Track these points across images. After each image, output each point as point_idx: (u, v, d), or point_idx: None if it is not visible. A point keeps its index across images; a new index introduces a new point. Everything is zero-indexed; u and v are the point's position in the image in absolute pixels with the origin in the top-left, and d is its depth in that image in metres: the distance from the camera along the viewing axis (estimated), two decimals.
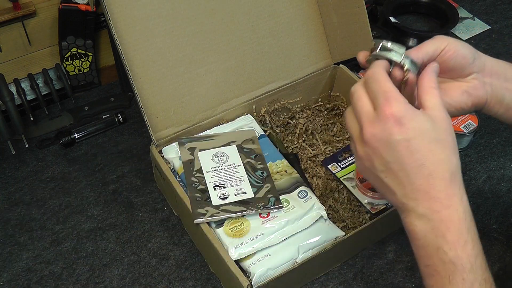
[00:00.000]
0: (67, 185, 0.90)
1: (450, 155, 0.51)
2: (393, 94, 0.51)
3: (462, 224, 0.50)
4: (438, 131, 0.51)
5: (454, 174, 0.51)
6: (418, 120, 0.50)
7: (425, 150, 0.50)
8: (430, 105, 0.52)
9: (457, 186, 0.51)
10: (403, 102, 0.51)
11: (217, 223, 0.73)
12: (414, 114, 0.50)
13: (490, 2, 1.32)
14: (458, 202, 0.51)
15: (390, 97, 0.51)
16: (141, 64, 0.79)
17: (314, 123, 0.94)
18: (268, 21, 0.89)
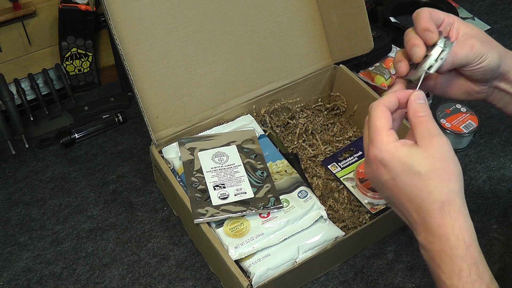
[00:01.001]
0: (67, 185, 0.90)
1: (438, 185, 0.51)
2: (378, 136, 0.54)
3: (455, 252, 0.50)
4: (422, 163, 0.51)
5: (445, 202, 0.51)
6: (399, 158, 0.52)
7: (411, 186, 0.52)
8: (418, 136, 0.53)
9: (449, 215, 0.51)
10: (386, 142, 0.53)
11: (217, 223, 0.73)
12: (394, 154, 0.52)
13: (490, 2, 1.32)
14: (450, 231, 0.50)
15: (375, 139, 0.54)
16: (141, 64, 0.79)
17: (314, 123, 0.94)
18: (268, 21, 0.89)
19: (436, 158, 0.51)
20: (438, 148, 0.51)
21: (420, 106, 0.54)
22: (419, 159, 0.51)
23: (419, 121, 0.53)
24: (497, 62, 0.59)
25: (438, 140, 0.52)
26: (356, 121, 0.95)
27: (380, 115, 0.54)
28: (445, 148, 0.51)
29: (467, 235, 0.50)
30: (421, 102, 0.55)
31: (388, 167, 0.52)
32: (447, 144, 0.52)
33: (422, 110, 0.54)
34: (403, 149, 0.52)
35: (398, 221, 0.83)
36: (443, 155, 0.51)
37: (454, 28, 0.59)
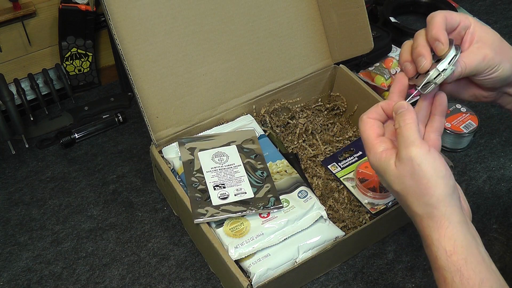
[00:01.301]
0: (67, 185, 0.90)
1: (415, 201, 0.52)
2: (366, 148, 0.56)
3: (437, 262, 0.51)
4: (396, 182, 0.53)
5: (424, 216, 0.52)
6: (381, 172, 0.55)
7: (397, 198, 0.55)
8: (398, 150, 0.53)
9: (428, 227, 0.52)
10: (372, 154, 0.55)
11: (217, 223, 0.73)
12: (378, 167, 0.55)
13: (490, 2, 1.32)
14: (430, 243, 0.52)
15: (366, 151, 0.56)
16: (141, 64, 0.79)
17: (314, 123, 0.94)
18: (268, 21, 0.89)
19: (407, 177, 0.52)
20: (408, 164, 0.52)
21: (398, 117, 0.55)
22: (392, 178, 0.53)
23: (397, 134, 0.54)
24: (509, 73, 0.58)
25: (406, 155, 0.52)
26: (356, 121, 0.95)
27: (364, 128, 0.56)
28: (415, 162, 0.51)
29: (449, 244, 0.50)
30: (400, 112, 0.55)
31: (379, 175, 0.56)
32: (417, 156, 0.51)
33: (398, 122, 0.54)
34: (383, 164, 0.54)
35: (398, 221, 0.83)
36: (413, 172, 0.51)
37: (469, 33, 0.58)
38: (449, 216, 0.51)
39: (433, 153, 0.52)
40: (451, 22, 0.58)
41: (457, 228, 0.51)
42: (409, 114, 0.54)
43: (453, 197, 0.52)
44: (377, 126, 0.56)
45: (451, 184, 0.52)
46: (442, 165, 0.52)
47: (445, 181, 0.52)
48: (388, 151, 0.54)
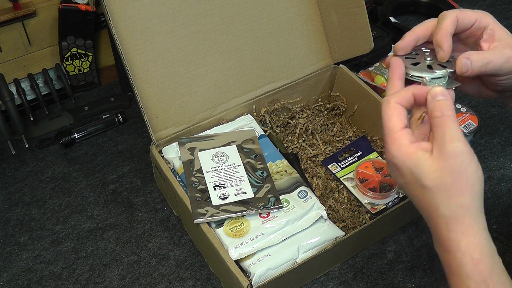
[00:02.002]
0: (67, 185, 0.90)
1: (445, 201, 0.48)
2: (389, 138, 0.50)
3: (461, 270, 0.48)
4: (430, 176, 0.48)
5: (452, 218, 0.48)
6: (408, 166, 0.49)
7: (419, 197, 0.50)
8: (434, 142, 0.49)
9: (455, 232, 0.48)
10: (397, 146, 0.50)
11: (217, 223, 0.73)
12: (405, 161, 0.49)
13: (490, 2, 1.32)
14: (455, 248, 0.48)
15: (387, 142, 0.51)
16: (141, 64, 0.79)
17: (314, 123, 0.94)
18: (268, 21, 0.89)
19: (446, 172, 0.47)
20: (450, 159, 0.47)
21: (438, 105, 0.49)
22: (427, 171, 0.48)
23: (435, 123, 0.49)
24: None
25: (452, 149, 0.47)
26: (356, 121, 0.95)
27: (390, 114, 0.50)
28: (459, 159, 0.47)
29: (476, 252, 0.47)
30: (440, 98, 0.50)
31: (400, 172, 0.50)
32: (463, 153, 0.47)
33: (439, 109, 0.49)
34: (414, 156, 0.49)
35: (398, 221, 0.83)
36: (454, 168, 0.47)
37: (487, 33, 0.55)
38: (478, 221, 0.48)
39: (474, 154, 0.48)
40: (464, 23, 0.55)
41: (484, 235, 0.48)
42: (449, 104, 0.49)
43: (482, 201, 0.49)
44: (404, 115, 0.51)
45: (483, 189, 0.49)
46: (480, 167, 0.49)
47: (482, 183, 0.48)
48: (416, 145, 0.49)
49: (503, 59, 0.53)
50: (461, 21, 0.55)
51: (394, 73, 0.55)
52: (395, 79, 0.54)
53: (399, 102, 0.51)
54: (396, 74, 0.55)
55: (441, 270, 0.79)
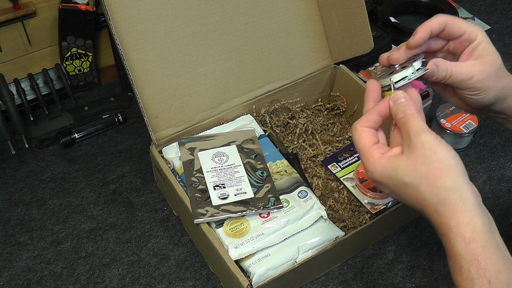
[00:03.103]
0: (67, 185, 0.90)
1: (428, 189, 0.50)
2: (363, 158, 0.54)
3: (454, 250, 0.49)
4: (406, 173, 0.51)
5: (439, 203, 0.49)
6: (387, 175, 0.52)
7: (406, 195, 0.52)
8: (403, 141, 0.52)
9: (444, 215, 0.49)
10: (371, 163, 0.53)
11: (217, 223, 0.73)
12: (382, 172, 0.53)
13: (490, 2, 1.32)
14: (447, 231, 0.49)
15: (362, 161, 0.54)
16: (141, 64, 0.79)
17: (314, 123, 0.94)
18: (268, 21, 0.89)
19: (419, 162, 0.50)
20: (419, 150, 0.50)
21: (400, 107, 0.53)
22: (404, 170, 0.51)
23: (400, 125, 0.53)
24: (491, 101, 0.57)
25: (418, 140, 0.50)
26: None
27: (358, 137, 0.54)
28: (427, 146, 0.50)
29: (467, 231, 0.48)
30: (400, 101, 0.54)
31: (383, 183, 0.53)
32: (428, 141, 0.50)
33: (401, 111, 0.53)
34: (388, 163, 0.52)
35: (398, 221, 0.83)
36: (425, 156, 0.50)
37: (471, 47, 0.57)
38: (466, 198, 0.49)
39: (440, 138, 0.51)
40: (452, 30, 0.57)
41: (475, 211, 0.49)
42: (410, 103, 0.53)
43: (466, 177, 0.51)
44: (371, 134, 0.55)
45: (462, 165, 0.51)
46: (451, 148, 0.51)
47: (457, 160, 0.50)
48: (388, 153, 0.53)
49: (467, 76, 0.56)
50: (450, 27, 0.57)
51: (369, 95, 0.58)
52: (369, 102, 0.57)
53: (364, 125, 0.55)
54: (370, 96, 0.57)
55: (441, 270, 0.79)
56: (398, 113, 0.53)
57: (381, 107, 0.55)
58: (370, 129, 0.55)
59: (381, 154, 0.53)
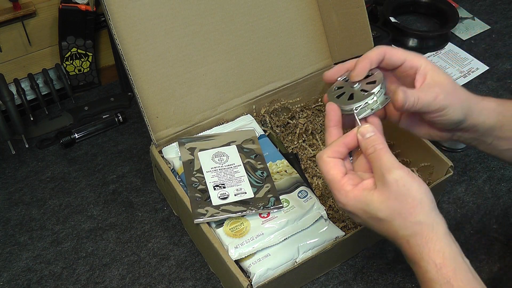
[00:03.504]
0: (67, 185, 0.90)
1: (402, 223, 0.51)
2: (333, 189, 0.54)
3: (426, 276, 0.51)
4: (380, 208, 0.51)
5: (411, 235, 0.51)
6: (360, 207, 0.53)
7: (379, 228, 0.54)
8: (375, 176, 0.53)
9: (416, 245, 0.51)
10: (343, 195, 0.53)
11: (217, 223, 0.73)
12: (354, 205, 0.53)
13: (490, 2, 1.32)
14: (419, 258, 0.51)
15: (332, 192, 0.54)
16: (141, 64, 0.79)
17: (314, 123, 0.94)
18: (268, 21, 0.89)
19: (392, 199, 0.51)
20: (392, 187, 0.51)
21: (369, 142, 0.53)
22: (377, 205, 0.52)
23: (371, 159, 0.53)
24: (460, 117, 0.57)
25: (391, 178, 0.51)
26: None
27: (327, 169, 0.54)
28: (400, 183, 0.51)
29: (438, 257, 0.50)
30: (368, 136, 0.54)
31: (355, 214, 0.54)
32: (401, 177, 0.51)
33: (371, 146, 0.53)
34: (361, 197, 0.52)
35: None
36: (399, 193, 0.51)
37: (419, 73, 0.57)
38: (436, 229, 0.51)
39: (413, 174, 0.52)
40: (392, 59, 0.57)
41: (444, 240, 0.51)
42: (379, 138, 0.53)
43: (437, 211, 0.52)
44: (340, 164, 0.55)
45: (433, 199, 0.53)
46: (423, 183, 0.52)
47: (428, 196, 0.52)
48: (360, 186, 0.53)
49: (431, 97, 0.55)
50: (388, 56, 0.57)
51: (331, 120, 0.57)
52: (331, 127, 0.57)
53: (331, 155, 0.55)
54: (332, 121, 0.57)
55: None
56: (367, 148, 0.53)
57: (348, 139, 0.55)
58: (338, 160, 0.55)
59: (353, 186, 0.53)
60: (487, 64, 1.14)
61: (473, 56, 1.16)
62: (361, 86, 0.57)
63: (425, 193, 0.52)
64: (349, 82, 0.58)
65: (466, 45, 1.20)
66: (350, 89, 0.57)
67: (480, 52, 1.18)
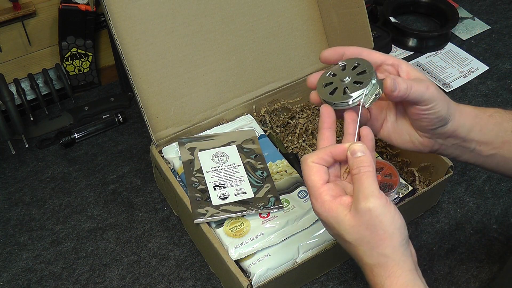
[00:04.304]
0: (67, 185, 0.90)
1: (368, 251, 0.51)
2: (311, 195, 0.53)
3: None
4: (350, 231, 0.51)
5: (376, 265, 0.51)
6: (331, 222, 0.52)
7: (345, 247, 0.53)
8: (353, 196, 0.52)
9: (379, 276, 0.50)
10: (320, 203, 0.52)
11: (217, 223, 0.73)
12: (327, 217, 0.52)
13: (490, 2, 1.32)
14: None
15: (310, 197, 0.53)
16: (141, 64, 0.79)
17: (314, 123, 0.94)
18: (268, 21, 0.89)
19: (363, 227, 0.50)
20: (365, 215, 0.50)
21: (356, 162, 0.52)
22: (347, 228, 0.51)
23: (354, 180, 0.52)
24: (445, 114, 0.57)
25: (365, 206, 0.50)
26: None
27: (308, 173, 0.53)
28: (373, 214, 0.50)
29: None
30: (358, 155, 0.52)
31: (328, 225, 0.53)
32: (375, 208, 0.50)
33: (357, 167, 0.52)
34: (334, 213, 0.51)
35: None
36: (370, 223, 0.50)
37: (402, 71, 0.57)
38: (402, 265, 0.50)
39: (390, 205, 0.51)
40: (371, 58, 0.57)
41: (409, 276, 0.50)
42: (367, 160, 0.52)
43: (406, 247, 0.52)
44: (323, 171, 0.53)
45: (405, 234, 0.52)
46: (398, 216, 0.51)
47: (401, 231, 0.51)
48: (338, 200, 0.52)
49: (423, 87, 0.55)
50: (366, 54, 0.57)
51: (324, 122, 0.56)
52: (325, 129, 0.56)
53: (315, 161, 0.53)
54: (326, 123, 0.56)
55: (441, 270, 0.80)
56: (353, 168, 0.52)
57: (336, 151, 0.54)
58: (322, 166, 0.53)
59: (331, 197, 0.52)
60: (487, 64, 1.14)
61: (473, 56, 1.16)
62: (352, 79, 0.55)
63: (398, 227, 0.51)
64: (338, 76, 0.56)
65: (466, 45, 1.20)
66: (342, 84, 0.55)
67: (480, 52, 1.18)
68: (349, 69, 0.56)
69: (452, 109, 0.58)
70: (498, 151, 0.61)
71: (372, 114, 0.60)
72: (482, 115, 0.60)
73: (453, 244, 0.82)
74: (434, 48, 1.18)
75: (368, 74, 0.54)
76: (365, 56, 0.57)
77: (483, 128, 0.60)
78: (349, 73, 0.56)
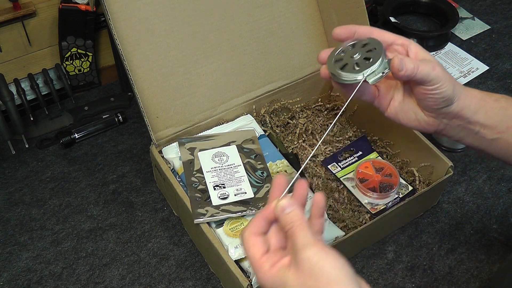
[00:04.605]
0: (67, 185, 0.90)
1: None
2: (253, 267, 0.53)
3: None
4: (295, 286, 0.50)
5: None
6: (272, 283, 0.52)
7: None
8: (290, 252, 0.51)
9: None
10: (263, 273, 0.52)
11: (217, 223, 0.73)
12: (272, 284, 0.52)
13: (490, 2, 1.32)
14: None
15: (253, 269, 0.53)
16: (141, 64, 0.79)
17: (314, 123, 0.94)
18: (268, 21, 0.89)
19: (306, 277, 0.49)
20: (305, 265, 0.49)
21: (287, 218, 0.52)
22: (292, 283, 0.50)
23: (288, 235, 0.51)
24: (450, 95, 0.57)
25: (304, 255, 0.49)
26: (356, 121, 0.95)
27: (247, 246, 0.53)
28: (313, 261, 0.49)
29: None
30: (287, 211, 0.52)
31: None
32: (315, 255, 0.49)
33: (288, 222, 0.51)
34: (277, 277, 0.51)
35: (398, 221, 0.83)
36: (312, 271, 0.49)
37: (411, 51, 0.58)
38: None
39: (326, 249, 0.50)
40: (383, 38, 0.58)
41: None
42: (297, 214, 0.52)
43: (356, 284, 0.50)
44: (260, 242, 0.53)
45: (351, 273, 0.50)
46: (338, 257, 0.50)
47: (344, 271, 0.50)
48: (278, 265, 0.52)
49: (430, 67, 0.55)
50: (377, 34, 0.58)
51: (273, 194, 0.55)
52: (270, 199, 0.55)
53: (252, 231, 0.53)
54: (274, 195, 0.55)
55: (441, 270, 0.80)
56: (285, 224, 0.52)
57: (266, 212, 0.54)
58: (258, 237, 0.54)
59: (271, 266, 0.52)
60: (487, 64, 1.14)
61: (473, 56, 1.16)
62: (362, 56, 0.56)
63: (340, 268, 0.50)
64: (348, 53, 0.57)
65: (466, 45, 1.20)
66: (352, 60, 0.56)
67: (480, 52, 1.18)
68: (359, 47, 0.57)
69: (457, 90, 0.58)
70: (502, 136, 0.61)
71: (380, 93, 0.60)
72: (488, 99, 0.61)
73: (453, 244, 0.82)
74: (434, 48, 1.18)
75: (378, 52, 0.55)
76: (376, 35, 0.58)
77: (488, 111, 0.60)
78: (359, 50, 0.56)
